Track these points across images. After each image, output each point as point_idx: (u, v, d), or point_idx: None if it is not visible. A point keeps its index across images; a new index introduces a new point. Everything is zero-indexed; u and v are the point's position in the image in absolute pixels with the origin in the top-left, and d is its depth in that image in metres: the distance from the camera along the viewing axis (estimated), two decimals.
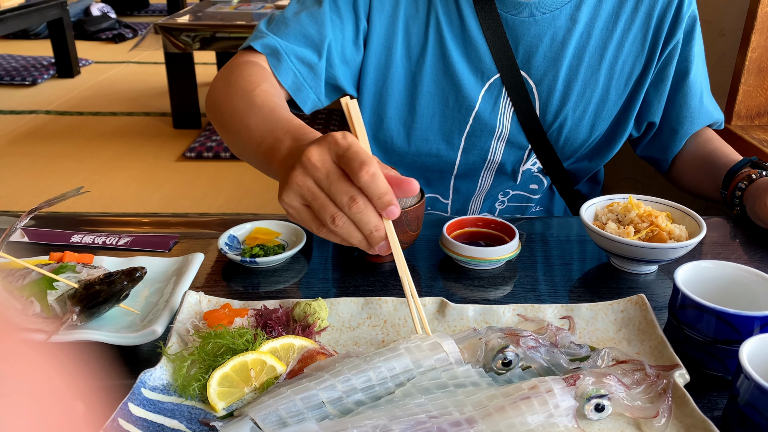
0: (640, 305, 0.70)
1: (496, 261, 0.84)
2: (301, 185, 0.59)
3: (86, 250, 0.91)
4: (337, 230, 0.59)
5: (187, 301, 0.70)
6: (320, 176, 0.59)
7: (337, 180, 0.58)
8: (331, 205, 0.59)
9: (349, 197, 0.58)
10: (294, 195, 0.61)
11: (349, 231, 0.59)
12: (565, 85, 1.05)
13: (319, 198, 0.59)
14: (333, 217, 0.58)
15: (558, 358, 0.64)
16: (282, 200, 0.62)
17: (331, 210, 0.59)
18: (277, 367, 0.62)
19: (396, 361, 0.62)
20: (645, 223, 0.84)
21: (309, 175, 0.59)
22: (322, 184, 0.59)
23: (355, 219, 0.58)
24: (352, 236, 0.60)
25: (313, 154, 0.59)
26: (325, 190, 0.59)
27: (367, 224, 0.58)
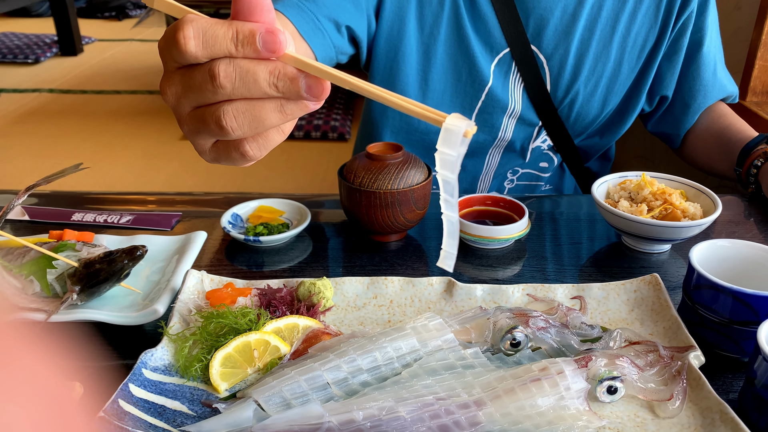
0: (653, 285, 0.69)
1: (505, 240, 0.82)
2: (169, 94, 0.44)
3: (87, 229, 0.89)
4: (227, 92, 0.40)
5: (189, 280, 0.69)
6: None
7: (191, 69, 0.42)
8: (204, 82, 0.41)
9: (209, 70, 0.40)
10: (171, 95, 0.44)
11: (245, 89, 0.40)
12: (577, 59, 1.02)
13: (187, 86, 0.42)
14: (214, 79, 0.40)
15: (569, 339, 0.62)
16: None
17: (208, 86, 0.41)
18: (281, 348, 0.61)
19: (402, 341, 0.60)
20: (658, 201, 0.82)
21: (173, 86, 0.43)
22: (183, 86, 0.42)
23: (241, 78, 0.40)
24: (255, 108, 0.41)
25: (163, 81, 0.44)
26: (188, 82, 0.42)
27: (257, 73, 0.40)
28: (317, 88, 0.40)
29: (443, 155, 0.38)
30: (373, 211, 0.81)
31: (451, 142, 0.38)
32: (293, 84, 0.40)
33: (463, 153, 0.38)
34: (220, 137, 0.43)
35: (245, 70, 0.40)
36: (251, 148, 0.44)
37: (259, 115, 0.41)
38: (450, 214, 0.41)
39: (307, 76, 0.40)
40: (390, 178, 0.80)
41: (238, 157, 0.45)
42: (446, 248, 0.43)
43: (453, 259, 0.43)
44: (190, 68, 0.41)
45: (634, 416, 0.55)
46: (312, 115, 3.42)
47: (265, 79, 0.40)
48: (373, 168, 0.81)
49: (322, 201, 1.00)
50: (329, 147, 3.20)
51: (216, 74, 0.39)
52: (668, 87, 1.07)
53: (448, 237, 0.42)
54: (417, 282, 0.70)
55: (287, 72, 0.40)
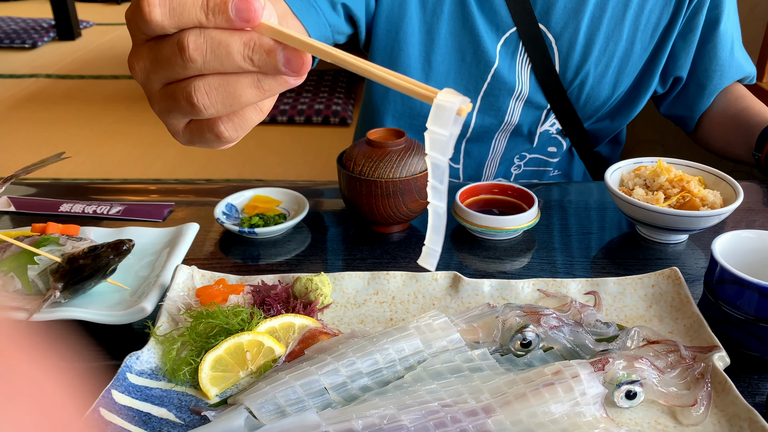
0: (672, 279, 0.64)
1: (513, 231, 0.77)
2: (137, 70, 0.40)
3: (75, 220, 0.85)
4: (199, 65, 0.37)
5: (179, 276, 0.65)
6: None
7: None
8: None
9: (178, 41, 0.37)
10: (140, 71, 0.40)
11: (218, 61, 0.36)
12: (587, 39, 0.96)
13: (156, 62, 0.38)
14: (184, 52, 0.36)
15: (583, 338, 0.58)
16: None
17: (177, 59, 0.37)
18: (276, 349, 0.57)
19: (405, 341, 0.56)
20: (676, 189, 0.77)
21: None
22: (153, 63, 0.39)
23: (212, 50, 0.36)
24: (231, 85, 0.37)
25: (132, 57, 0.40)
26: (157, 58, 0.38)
27: (230, 45, 0.36)
28: (296, 62, 0.36)
29: (434, 135, 0.34)
30: (374, 201, 0.77)
31: (443, 119, 0.34)
32: (270, 57, 0.36)
33: (456, 133, 0.34)
34: (192, 116, 0.39)
35: (217, 42, 0.36)
36: (226, 129, 0.40)
37: (234, 92, 0.37)
38: (437, 204, 0.37)
39: (285, 48, 0.36)
40: (392, 166, 0.76)
41: (213, 139, 0.41)
42: (429, 244, 0.39)
43: (436, 257, 0.39)
44: (158, 40, 0.37)
45: (655, 423, 0.51)
46: (313, 100, 3.36)
47: (239, 52, 0.36)
48: (374, 155, 0.77)
49: (321, 190, 0.96)
50: (331, 132, 3.15)
51: (185, 46, 0.36)
52: (683, 67, 1.02)
53: (433, 231, 0.38)
54: (421, 277, 0.66)
55: (263, 43, 0.36)
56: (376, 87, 1.05)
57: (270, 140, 3.01)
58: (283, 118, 3.20)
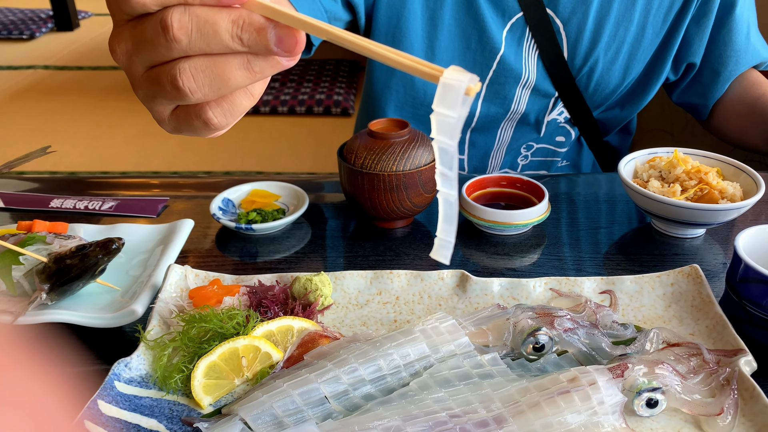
0: (693, 277, 0.61)
1: (523, 226, 0.74)
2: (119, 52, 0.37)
3: (66, 216, 0.82)
4: (183, 46, 0.34)
5: (171, 276, 0.61)
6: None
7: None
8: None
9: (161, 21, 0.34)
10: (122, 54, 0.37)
11: (204, 42, 0.34)
12: (596, 24, 0.92)
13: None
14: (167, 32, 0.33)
15: (599, 341, 0.55)
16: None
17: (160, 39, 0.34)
18: (273, 354, 0.54)
19: (410, 346, 0.53)
20: (693, 181, 0.73)
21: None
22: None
23: (198, 29, 0.33)
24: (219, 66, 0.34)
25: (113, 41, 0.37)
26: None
27: (217, 23, 0.33)
28: (289, 40, 0.33)
29: (441, 117, 0.31)
30: (377, 195, 0.73)
31: (451, 100, 0.31)
32: (260, 36, 0.33)
33: (464, 115, 0.32)
34: (178, 101, 0.36)
35: (203, 20, 0.33)
36: (215, 114, 0.37)
37: (222, 74, 0.34)
38: (447, 191, 0.34)
39: (277, 26, 0.33)
40: (395, 158, 0.72)
41: (201, 126, 0.38)
42: (442, 235, 0.36)
43: (450, 248, 0.36)
44: (139, 20, 0.34)
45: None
46: (314, 90, 3.32)
47: (227, 30, 0.33)
48: (376, 147, 0.73)
49: (322, 183, 0.92)
50: (332, 122, 3.10)
51: (169, 25, 0.33)
52: (696, 53, 0.97)
53: (445, 221, 0.35)
54: (426, 276, 0.63)
55: (253, 21, 0.33)
56: (376, 76, 1.01)
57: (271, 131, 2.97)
58: (284, 108, 3.16)
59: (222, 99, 0.36)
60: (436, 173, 0.33)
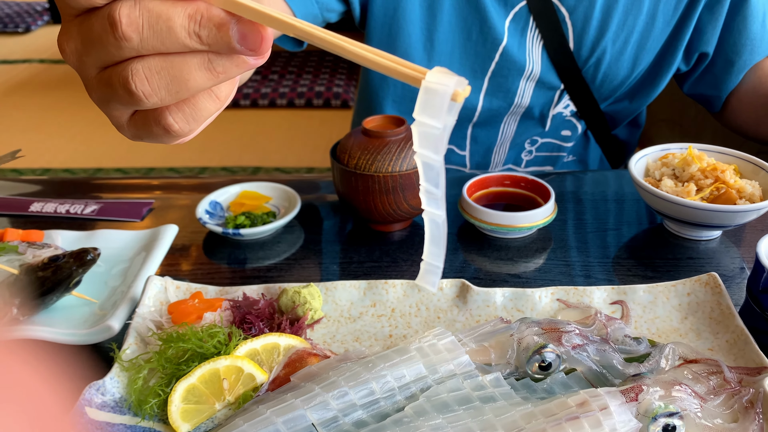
0: (711, 287, 0.56)
1: (527, 229, 0.69)
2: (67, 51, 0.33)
3: (47, 221, 0.78)
4: (134, 45, 0.30)
5: (150, 289, 0.57)
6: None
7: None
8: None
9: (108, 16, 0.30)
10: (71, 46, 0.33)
11: (157, 40, 0.30)
12: (604, 12, 0.87)
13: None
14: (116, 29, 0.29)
15: (610, 358, 0.51)
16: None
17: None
18: (257, 376, 0.50)
19: (406, 366, 0.49)
20: (709, 180, 0.69)
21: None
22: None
23: (150, 26, 0.29)
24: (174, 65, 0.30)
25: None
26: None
27: (171, 18, 0.29)
28: (254, 38, 0.29)
29: (423, 127, 0.28)
30: (372, 197, 0.69)
31: (435, 107, 0.27)
32: (221, 32, 0.29)
33: (451, 124, 0.28)
34: (133, 107, 0.32)
35: (155, 15, 0.29)
36: (175, 120, 0.33)
37: (180, 75, 0.30)
38: (433, 211, 0.31)
39: (239, 22, 0.29)
40: (390, 158, 0.68)
41: (161, 133, 0.33)
42: (429, 259, 0.32)
43: (438, 274, 0.33)
44: (87, 15, 0.31)
45: None
46: (314, 82, 3.27)
47: (183, 27, 0.29)
48: (371, 147, 0.69)
49: (316, 182, 0.88)
50: (332, 115, 3.05)
51: (117, 21, 0.29)
52: (709, 42, 0.92)
53: (432, 244, 0.32)
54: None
55: (213, 16, 0.29)
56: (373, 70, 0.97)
57: (269, 124, 2.93)
58: (282, 101, 3.11)
59: (183, 103, 0.32)
60: (420, 191, 0.29)
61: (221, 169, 2.43)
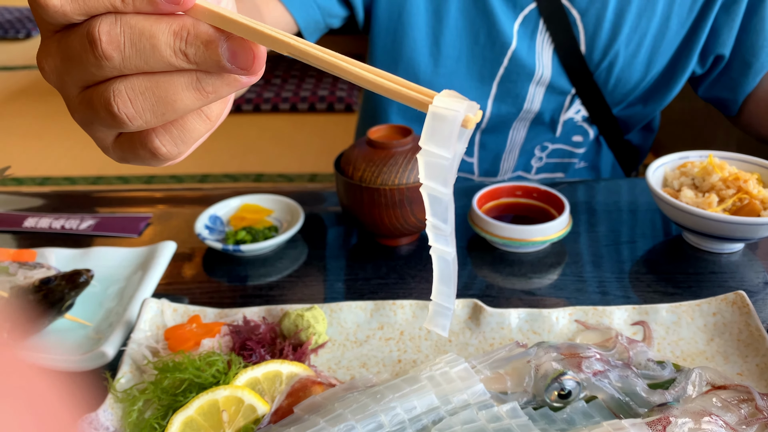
0: (738, 306, 0.53)
1: (541, 243, 0.66)
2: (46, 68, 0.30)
3: (41, 238, 0.75)
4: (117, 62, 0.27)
5: (146, 312, 0.54)
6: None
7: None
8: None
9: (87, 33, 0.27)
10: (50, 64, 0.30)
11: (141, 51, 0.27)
12: (616, 14, 0.85)
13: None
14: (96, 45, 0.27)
15: (633, 384, 0.48)
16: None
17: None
18: (258, 407, 0.47)
19: (416, 397, 0.46)
20: (731, 190, 0.66)
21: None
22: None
23: (132, 44, 0.27)
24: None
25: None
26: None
27: (155, 35, 0.27)
28: (245, 56, 0.27)
29: (430, 157, 0.25)
30: (378, 211, 0.66)
31: (444, 135, 0.25)
32: (209, 50, 0.27)
33: (461, 152, 0.26)
34: (116, 130, 0.30)
35: (138, 32, 0.27)
36: (163, 143, 0.30)
37: (166, 96, 0.28)
38: (442, 248, 0.28)
39: (229, 39, 0.27)
40: (397, 170, 0.65)
41: (148, 156, 0.31)
42: (438, 300, 0.30)
43: (449, 317, 0.30)
44: (66, 32, 0.28)
45: None
46: (316, 86, 3.24)
47: (168, 45, 0.27)
48: (377, 158, 0.66)
49: (320, 194, 0.85)
50: (336, 120, 3.02)
51: (96, 39, 0.27)
52: (725, 44, 0.89)
53: (441, 284, 0.30)
54: None
55: (200, 32, 0.27)
56: None
57: (272, 130, 2.90)
58: (285, 105, 3.09)
59: (171, 125, 0.30)
60: (427, 226, 0.26)
61: (223, 175, 2.40)
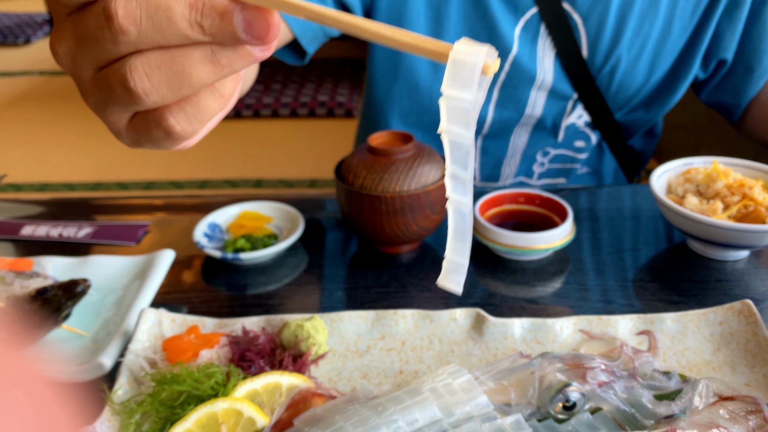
0: (745, 315, 0.52)
1: (544, 250, 0.66)
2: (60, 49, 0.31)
3: (38, 246, 0.75)
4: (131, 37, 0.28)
5: (144, 322, 0.54)
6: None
7: None
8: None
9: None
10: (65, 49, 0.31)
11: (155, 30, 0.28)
12: (618, 19, 0.84)
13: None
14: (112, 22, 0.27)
15: (639, 395, 0.47)
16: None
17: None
18: (258, 420, 0.46)
19: (419, 409, 0.45)
20: (736, 197, 0.65)
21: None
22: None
23: (148, 16, 0.27)
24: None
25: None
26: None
27: (171, 8, 0.27)
28: (260, 25, 0.27)
29: (452, 101, 0.25)
30: (379, 218, 0.65)
31: (464, 79, 0.25)
32: (225, 21, 0.27)
33: (481, 100, 0.26)
34: (132, 108, 0.30)
35: (154, 5, 0.27)
36: (177, 121, 0.30)
37: (182, 70, 0.28)
38: (459, 199, 0.27)
39: (244, 8, 0.27)
40: (398, 177, 0.64)
41: (162, 136, 0.31)
42: (452, 256, 0.29)
43: (463, 273, 0.29)
44: (81, 11, 0.29)
45: None
46: (317, 91, 3.24)
47: (184, 17, 0.27)
48: (377, 165, 0.65)
49: (320, 201, 0.84)
50: (336, 125, 3.02)
51: (113, 13, 0.27)
52: (728, 48, 0.89)
53: (456, 239, 0.28)
54: (436, 316, 0.55)
55: (215, 3, 0.27)
56: (377, 82, 0.93)
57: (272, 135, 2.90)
58: (285, 111, 3.08)
59: (185, 102, 0.30)
60: (446, 175, 0.27)
61: (223, 181, 2.39)
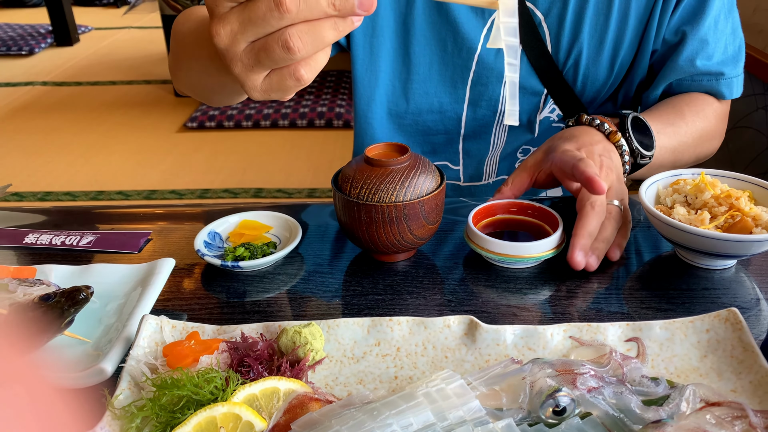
0: (731, 323, 0.54)
1: (536, 259, 0.67)
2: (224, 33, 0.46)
3: (41, 254, 0.76)
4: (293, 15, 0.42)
5: (145, 329, 0.55)
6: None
7: None
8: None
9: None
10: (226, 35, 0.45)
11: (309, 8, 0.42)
12: (576, 13, 0.85)
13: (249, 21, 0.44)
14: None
15: (628, 401, 0.48)
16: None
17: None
18: (256, 424, 0.47)
19: (413, 413, 0.46)
20: (723, 207, 0.67)
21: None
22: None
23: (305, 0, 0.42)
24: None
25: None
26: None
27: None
28: (368, 2, 0.43)
29: (506, 24, 0.45)
30: (375, 227, 0.67)
31: (511, 9, 0.45)
32: (348, 1, 0.42)
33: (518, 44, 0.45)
34: (282, 63, 0.44)
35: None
36: (306, 71, 0.45)
37: (319, 34, 0.43)
38: (512, 75, 0.48)
39: None
40: (394, 187, 0.66)
41: (293, 84, 0.46)
42: (510, 107, 0.49)
43: (516, 114, 0.49)
44: (248, 4, 0.43)
45: None
46: (315, 102, 3.27)
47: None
48: (374, 176, 0.67)
49: (318, 210, 0.86)
50: (335, 135, 3.05)
51: (282, 0, 0.41)
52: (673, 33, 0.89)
53: (511, 97, 0.49)
54: (430, 323, 0.56)
55: None
56: (359, 93, 0.95)
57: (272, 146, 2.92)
58: (284, 122, 3.11)
59: (310, 58, 0.45)
60: (505, 64, 0.47)
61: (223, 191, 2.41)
